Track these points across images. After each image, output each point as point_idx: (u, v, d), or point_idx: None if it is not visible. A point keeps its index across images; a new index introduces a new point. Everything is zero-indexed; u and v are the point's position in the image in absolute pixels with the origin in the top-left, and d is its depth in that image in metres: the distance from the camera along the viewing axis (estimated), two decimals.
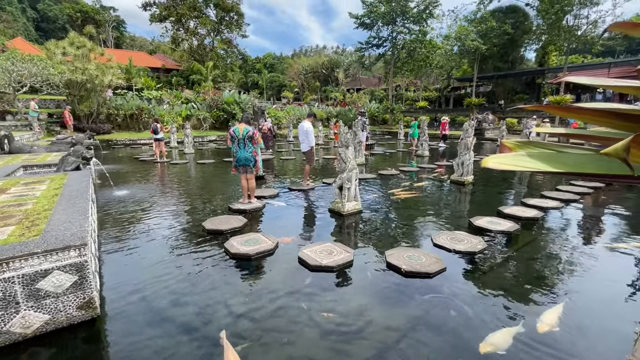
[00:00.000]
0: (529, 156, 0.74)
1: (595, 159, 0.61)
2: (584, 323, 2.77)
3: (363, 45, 35.19)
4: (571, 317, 2.84)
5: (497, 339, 2.49)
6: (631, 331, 2.62)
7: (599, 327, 2.73)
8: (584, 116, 0.74)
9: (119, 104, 21.67)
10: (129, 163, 12.11)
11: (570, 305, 3.01)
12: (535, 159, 0.71)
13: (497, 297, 3.13)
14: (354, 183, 5.55)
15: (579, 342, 2.54)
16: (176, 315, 2.82)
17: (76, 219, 3.00)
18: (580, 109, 0.74)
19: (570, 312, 2.90)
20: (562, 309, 2.88)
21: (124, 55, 34.14)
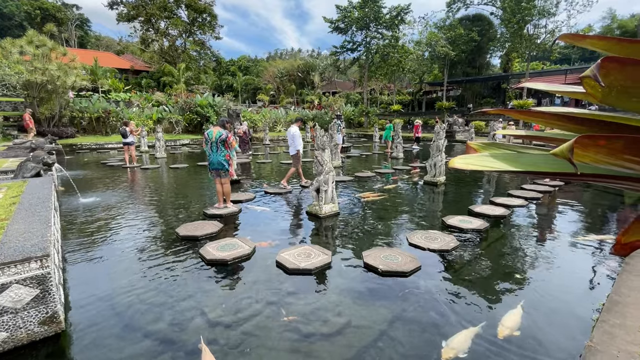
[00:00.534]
0: (492, 157, 0.79)
1: (550, 159, 0.66)
2: (547, 312, 2.94)
3: (338, 49, 35.62)
4: (535, 309, 3.01)
5: (457, 343, 2.47)
6: (590, 318, 2.81)
7: (561, 316, 2.91)
8: (540, 119, 0.80)
9: (83, 107, 20.57)
10: (96, 169, 11.51)
11: (533, 298, 3.19)
12: (497, 160, 0.76)
13: (469, 294, 3.26)
14: (330, 185, 5.59)
15: (542, 332, 2.69)
16: (149, 326, 2.71)
17: (37, 228, 2.81)
18: (537, 113, 0.80)
19: (534, 305, 3.08)
20: (522, 311, 2.88)
21: (88, 55, 32.51)
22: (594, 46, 0.64)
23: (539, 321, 2.82)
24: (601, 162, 0.54)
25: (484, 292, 3.27)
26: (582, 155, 0.52)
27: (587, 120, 0.76)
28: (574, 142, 0.48)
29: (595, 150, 0.51)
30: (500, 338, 2.57)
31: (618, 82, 0.51)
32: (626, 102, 0.55)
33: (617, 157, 0.52)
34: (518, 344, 2.51)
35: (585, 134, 0.49)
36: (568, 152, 0.47)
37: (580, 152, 0.51)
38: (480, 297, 3.18)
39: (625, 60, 0.50)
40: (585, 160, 0.53)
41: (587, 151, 0.51)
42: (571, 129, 0.78)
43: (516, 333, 2.62)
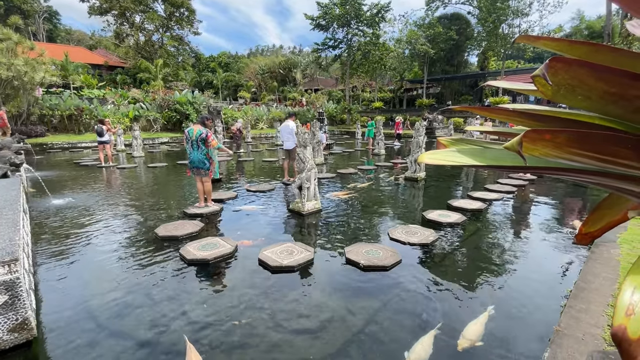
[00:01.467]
0: (459, 152, 0.82)
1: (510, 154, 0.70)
2: (520, 300, 3.09)
3: (319, 46, 35.57)
4: (509, 296, 3.15)
5: (419, 350, 2.38)
6: (559, 305, 2.97)
7: (533, 304, 3.06)
8: (504, 116, 0.85)
9: (53, 104, 19.64)
10: (69, 168, 11.04)
11: (507, 286, 3.34)
12: (463, 155, 0.79)
13: (447, 286, 3.37)
14: (313, 183, 5.61)
15: (514, 320, 2.82)
16: (128, 330, 2.65)
17: (5, 231, 2.69)
18: (500, 110, 0.84)
19: (508, 293, 3.22)
20: (487, 319, 2.72)
21: (58, 49, 31.00)
22: (548, 47, 0.68)
23: (513, 308, 2.95)
24: (549, 155, 0.58)
25: (461, 283, 3.39)
26: (531, 149, 0.56)
27: (546, 116, 0.80)
28: (522, 137, 0.52)
29: (542, 143, 0.55)
30: (459, 350, 2.41)
31: (565, 81, 0.55)
32: (573, 99, 0.59)
33: (563, 150, 0.56)
34: (491, 338, 2.62)
35: (532, 129, 0.53)
36: (517, 146, 0.50)
37: (530, 146, 0.55)
38: (458, 288, 3.29)
39: (571, 60, 0.54)
40: (535, 154, 0.57)
41: (536, 145, 0.55)
42: (531, 125, 0.83)
43: (478, 344, 2.46)
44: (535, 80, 0.58)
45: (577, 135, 0.53)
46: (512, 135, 1.06)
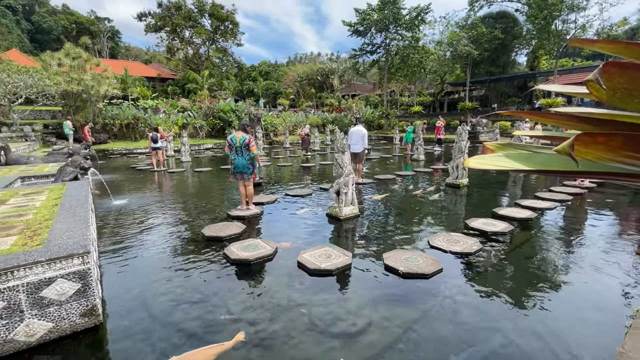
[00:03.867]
0: (506, 157, 0.82)
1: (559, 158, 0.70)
2: (578, 319, 2.85)
3: (357, 52, 35.66)
4: (565, 315, 2.92)
5: None
6: (623, 325, 2.70)
7: (593, 323, 2.81)
8: (554, 121, 0.83)
9: (114, 114, 21.70)
10: (127, 172, 12.12)
11: (562, 305, 3.09)
12: (511, 159, 0.79)
13: (492, 298, 3.21)
14: (350, 188, 5.63)
15: (572, 340, 2.61)
16: (177, 322, 2.85)
17: (78, 227, 3.04)
18: (551, 115, 0.82)
19: (563, 311, 2.99)
20: None
21: (119, 65, 34.28)
22: (604, 50, 0.66)
23: (566, 328, 2.73)
24: (603, 159, 0.57)
25: (507, 298, 3.21)
26: (583, 152, 0.55)
27: (603, 120, 0.78)
28: (574, 140, 0.52)
29: (595, 147, 0.54)
30: None
31: (621, 85, 0.54)
32: (630, 103, 0.57)
33: (617, 154, 0.55)
34: (547, 349, 2.45)
35: (585, 132, 0.52)
36: (569, 148, 0.50)
37: (582, 149, 0.54)
38: (504, 302, 3.12)
39: (626, 64, 0.53)
40: (587, 157, 0.57)
41: (588, 148, 0.54)
42: (584, 128, 0.81)
43: None
44: (589, 85, 0.57)
45: (633, 138, 0.52)
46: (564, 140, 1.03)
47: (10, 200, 4.40)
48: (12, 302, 2.33)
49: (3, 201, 4.33)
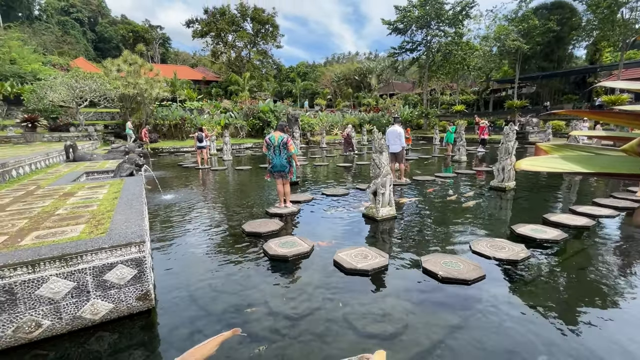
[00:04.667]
0: (562, 158, 0.79)
1: (628, 160, 0.66)
2: (638, 345, 2.58)
3: (396, 50, 34.91)
4: (622, 337, 2.65)
5: None
6: None
7: None
8: (617, 120, 0.77)
9: (164, 115, 23.30)
10: (174, 169, 12.97)
11: (620, 326, 2.81)
12: (567, 161, 0.76)
13: (539, 310, 3.00)
14: (388, 189, 5.55)
15: None
16: (219, 311, 3.02)
17: (134, 219, 3.33)
18: (612, 113, 0.77)
19: (621, 332, 2.71)
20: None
21: (169, 69, 36.71)
22: None
23: (626, 354, 2.48)
24: None
25: (557, 312, 2.98)
26: None
27: None
28: None
29: None
30: None
31: None
32: None
33: None
34: None
35: None
36: (638, 147, 0.47)
37: None
38: (553, 318, 2.90)
39: None
40: None
41: None
42: None
43: None
44: None
45: None
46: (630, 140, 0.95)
47: (78, 192, 4.92)
48: (81, 283, 2.62)
49: (72, 193, 4.86)
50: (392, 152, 8.63)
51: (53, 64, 31.73)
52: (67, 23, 55.80)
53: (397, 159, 8.74)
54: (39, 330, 2.52)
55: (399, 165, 8.90)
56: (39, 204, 4.25)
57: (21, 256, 2.45)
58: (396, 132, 8.46)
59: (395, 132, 8.48)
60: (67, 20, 56.25)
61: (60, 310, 2.57)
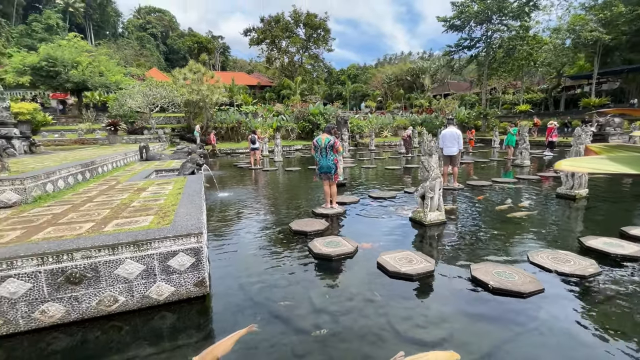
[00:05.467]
0: (611, 159, 0.75)
1: None
2: None
3: (452, 48, 33.21)
4: None
5: None
6: None
7: None
8: None
9: (222, 118, 25.02)
10: (230, 169, 13.88)
11: None
12: (615, 162, 0.72)
13: (609, 336, 2.67)
14: (437, 192, 5.35)
15: None
16: (266, 302, 3.20)
17: (194, 213, 3.68)
18: None
19: None
20: None
21: (227, 76, 39.29)
22: None
23: None
24: None
25: (631, 340, 2.63)
26: None
27: None
28: None
29: None
30: None
31: None
32: None
33: None
34: None
35: None
36: None
37: None
38: (625, 347, 2.57)
39: None
40: None
41: None
42: None
43: None
44: None
45: None
46: None
47: (149, 188, 5.55)
48: (149, 267, 2.98)
49: (145, 188, 5.50)
50: (447, 154, 8.37)
51: (132, 74, 35.95)
52: (144, 38, 62.81)
53: (452, 162, 8.43)
54: (115, 305, 2.92)
55: (452, 168, 8.53)
56: (118, 196, 4.90)
57: (104, 240, 2.88)
58: (455, 134, 8.20)
59: (454, 134, 8.21)
60: (144, 36, 63.31)
61: (133, 289, 2.95)
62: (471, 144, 19.77)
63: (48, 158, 8.50)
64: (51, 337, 2.70)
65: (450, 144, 8.28)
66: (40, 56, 24.85)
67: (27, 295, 2.66)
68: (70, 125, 25.56)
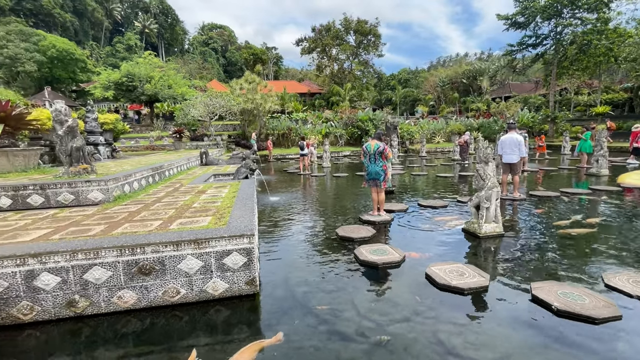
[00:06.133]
0: None
1: None
2: None
3: (514, 47, 30.75)
4: None
5: None
6: None
7: None
8: None
9: (274, 125, 26.12)
10: (280, 174, 14.42)
11: None
12: None
13: None
14: (494, 203, 5.01)
15: None
16: (311, 306, 3.27)
17: (247, 215, 3.93)
18: None
19: None
20: None
21: (279, 84, 41.00)
22: None
23: None
24: None
25: None
26: None
27: None
28: None
29: None
30: None
31: None
32: None
33: None
34: None
35: None
36: None
37: None
38: None
39: None
40: None
41: None
42: None
43: None
44: None
45: None
46: None
47: (208, 191, 6.03)
48: (207, 264, 3.24)
49: (204, 191, 5.98)
50: (507, 162, 7.81)
51: (195, 86, 39.30)
52: (206, 52, 68.48)
53: (512, 170, 7.84)
54: (177, 297, 3.23)
55: (512, 177, 7.90)
56: (182, 198, 5.41)
57: (170, 237, 3.20)
58: (515, 140, 7.67)
59: (514, 139, 7.69)
60: (206, 50, 69.01)
61: (192, 283, 3.23)
62: (541, 150, 17.93)
63: (125, 162, 9.66)
64: (125, 320, 3.07)
65: (510, 151, 7.73)
66: (122, 73, 28.39)
67: (108, 282, 3.06)
68: (143, 132, 28.72)
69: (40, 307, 2.99)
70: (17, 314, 2.96)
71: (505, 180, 8.03)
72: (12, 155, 6.64)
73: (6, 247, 3.08)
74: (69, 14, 56.74)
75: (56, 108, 5.44)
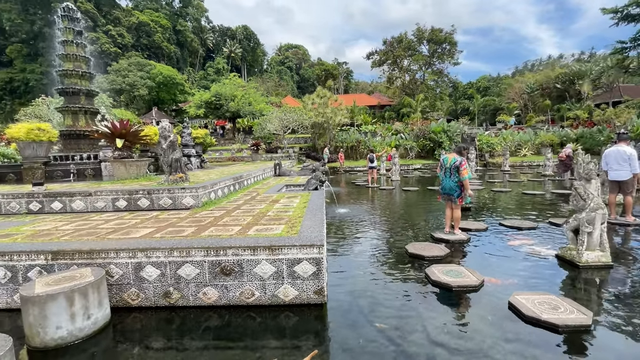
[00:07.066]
0: None
1: None
2: None
3: (627, 43, 26.15)
4: None
5: None
6: None
7: None
8: None
9: (343, 138, 26.56)
10: (348, 186, 14.52)
11: None
12: None
13: None
14: (599, 227, 4.27)
15: None
16: (377, 321, 3.19)
17: (317, 225, 4.06)
18: None
19: None
20: None
21: (349, 98, 41.69)
22: None
23: None
24: None
25: None
26: None
27: None
28: None
29: None
30: None
31: None
32: None
33: None
34: None
35: None
36: None
37: None
38: None
39: None
40: None
41: None
42: None
43: None
44: None
45: None
46: None
47: (281, 200, 6.40)
48: (279, 270, 3.43)
49: (277, 200, 6.37)
50: (614, 179, 6.70)
51: (272, 103, 42.44)
52: (282, 71, 73.59)
53: (622, 189, 6.68)
54: (252, 298, 3.47)
55: (624, 197, 6.66)
56: (258, 206, 5.84)
57: (248, 242, 3.49)
58: (623, 154, 6.64)
59: (622, 153, 6.66)
60: (282, 69, 74.17)
61: (265, 287, 3.45)
62: None
63: (212, 172, 10.85)
64: (207, 314, 3.41)
65: (617, 166, 6.63)
66: (211, 93, 32.25)
67: (196, 279, 3.46)
68: (226, 145, 31.93)
69: (144, 294, 3.52)
70: (127, 298, 3.53)
71: (613, 201, 6.79)
72: (129, 165, 8.04)
73: (122, 242, 3.72)
74: (173, 46, 66.97)
75: (162, 125, 6.44)
